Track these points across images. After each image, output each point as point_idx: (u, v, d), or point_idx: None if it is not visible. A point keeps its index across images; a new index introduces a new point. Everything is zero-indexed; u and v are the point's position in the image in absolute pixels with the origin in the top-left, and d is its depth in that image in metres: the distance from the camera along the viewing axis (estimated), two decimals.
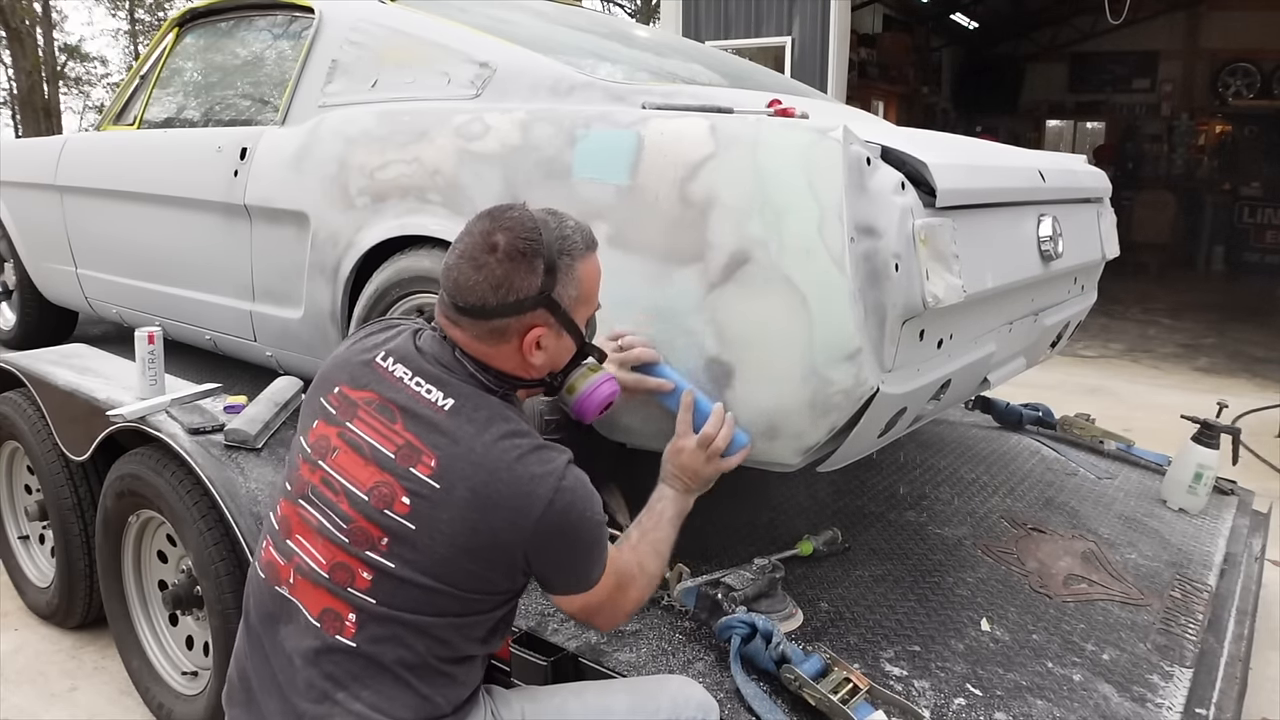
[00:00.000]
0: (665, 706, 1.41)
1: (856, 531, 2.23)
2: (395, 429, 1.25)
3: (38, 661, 2.68)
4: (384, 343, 1.35)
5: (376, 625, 1.23)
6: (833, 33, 7.89)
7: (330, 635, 1.23)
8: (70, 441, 2.47)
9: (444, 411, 1.25)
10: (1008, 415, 3.24)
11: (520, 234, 1.27)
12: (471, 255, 1.27)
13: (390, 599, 1.22)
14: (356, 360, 1.34)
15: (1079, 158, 2.64)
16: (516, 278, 1.26)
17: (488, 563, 1.24)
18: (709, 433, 1.53)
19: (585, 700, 1.44)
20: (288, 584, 1.28)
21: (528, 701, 1.43)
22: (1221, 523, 2.65)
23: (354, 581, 1.23)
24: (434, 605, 1.23)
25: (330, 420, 1.31)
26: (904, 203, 1.55)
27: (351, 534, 1.23)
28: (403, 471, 1.22)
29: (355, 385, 1.31)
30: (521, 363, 1.32)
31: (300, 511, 1.29)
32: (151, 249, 2.89)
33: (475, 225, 1.30)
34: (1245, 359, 6.91)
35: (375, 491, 1.23)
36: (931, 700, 1.62)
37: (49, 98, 20.93)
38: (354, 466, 1.26)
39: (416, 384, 1.28)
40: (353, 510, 1.24)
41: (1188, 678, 1.80)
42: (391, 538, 1.22)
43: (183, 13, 3.07)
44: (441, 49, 2.19)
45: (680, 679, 1.52)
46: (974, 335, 1.88)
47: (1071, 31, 12.98)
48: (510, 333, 1.29)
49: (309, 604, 1.26)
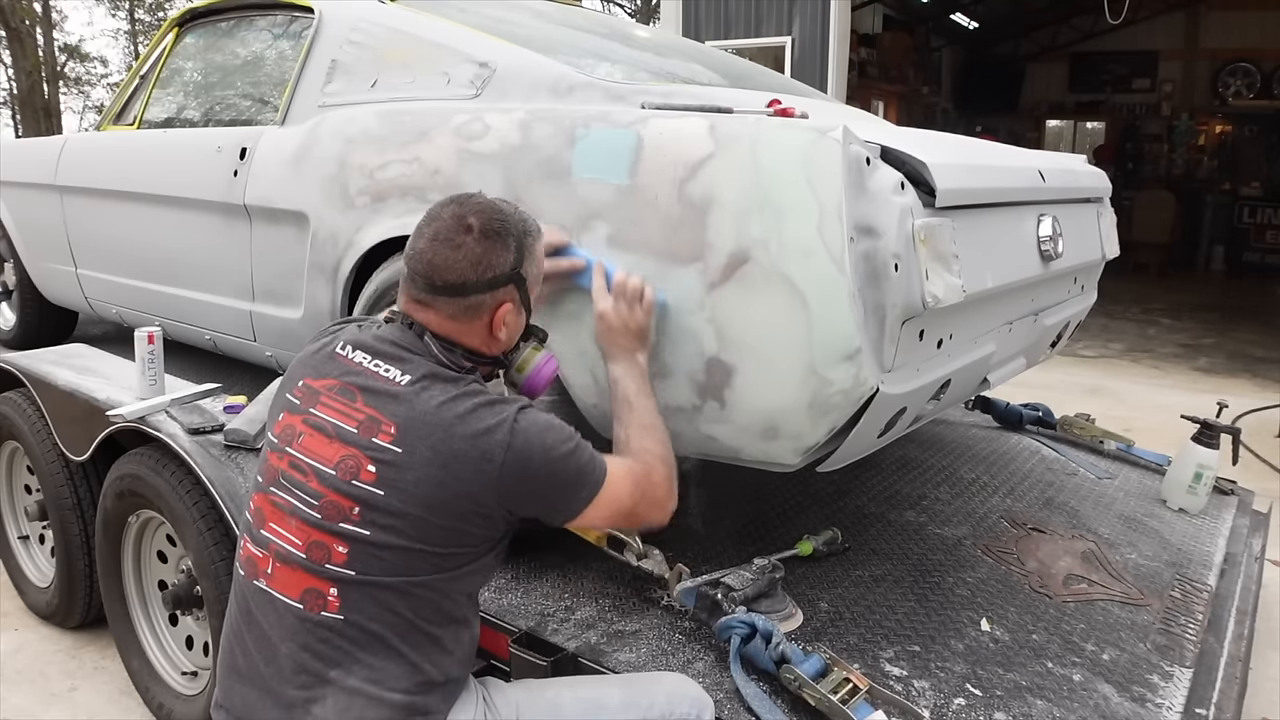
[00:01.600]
0: (660, 702, 1.43)
1: (856, 531, 2.23)
2: (356, 406, 1.31)
3: (38, 661, 2.68)
4: (343, 336, 1.41)
5: (359, 595, 1.26)
6: (833, 33, 7.89)
7: (315, 613, 1.27)
8: (70, 441, 2.47)
9: (401, 385, 1.31)
10: (1008, 415, 3.24)
11: (492, 215, 1.38)
12: (447, 238, 1.35)
13: (368, 567, 1.26)
14: (318, 355, 1.41)
15: (1079, 158, 2.64)
16: (493, 255, 1.36)
17: (459, 515, 1.28)
18: (619, 279, 1.60)
19: (579, 694, 1.45)
20: (265, 575, 1.31)
21: (522, 694, 1.44)
22: (1221, 523, 2.65)
23: (331, 557, 1.26)
24: (412, 566, 1.27)
25: (294, 410, 1.37)
26: (904, 203, 1.54)
27: (323, 509, 1.28)
28: (366, 442, 1.28)
29: (317, 376, 1.37)
30: (487, 338, 1.40)
31: (272, 499, 1.33)
32: (151, 249, 2.89)
33: (443, 211, 1.38)
34: (1245, 359, 6.91)
35: (342, 465, 1.28)
36: (931, 700, 1.62)
37: (49, 98, 20.95)
38: (319, 446, 1.31)
39: (375, 365, 1.34)
40: (322, 486, 1.28)
41: (1188, 678, 1.80)
42: (362, 506, 1.26)
43: (183, 13, 3.07)
44: (441, 49, 2.19)
45: (676, 676, 1.54)
46: (974, 335, 1.88)
47: (1071, 31, 12.97)
48: (484, 309, 1.37)
49: (289, 589, 1.29)
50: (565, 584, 1.91)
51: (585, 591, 1.89)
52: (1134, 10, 8.74)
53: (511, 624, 1.75)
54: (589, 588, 1.90)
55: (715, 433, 1.67)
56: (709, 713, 1.47)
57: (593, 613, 1.81)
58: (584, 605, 1.84)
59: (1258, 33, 11.27)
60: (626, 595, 1.88)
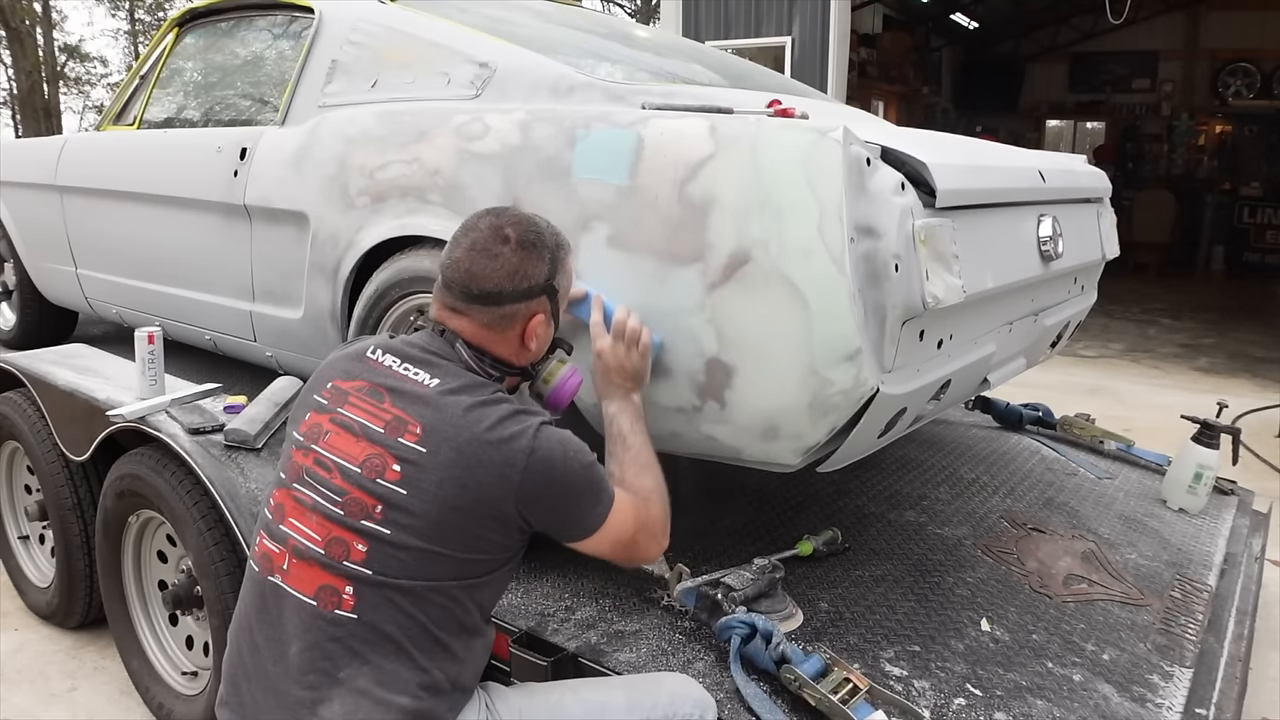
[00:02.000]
0: (662, 703, 1.44)
1: (856, 531, 2.23)
2: (384, 406, 1.33)
3: (38, 661, 2.68)
4: (373, 340, 1.45)
5: (374, 594, 1.26)
6: (833, 33, 7.89)
7: (329, 611, 1.27)
8: (70, 441, 2.47)
9: (429, 388, 1.33)
10: (1008, 415, 3.24)
11: (527, 228, 1.42)
12: (484, 247, 1.39)
13: (386, 567, 1.26)
14: (349, 358, 1.42)
15: (1079, 158, 2.64)
16: (529, 265, 1.40)
17: (479, 520, 1.29)
18: (619, 319, 1.60)
19: (582, 696, 1.46)
20: (281, 571, 1.32)
21: (524, 698, 1.44)
22: (1221, 523, 2.65)
23: (349, 555, 1.27)
24: (430, 570, 1.27)
25: (322, 410, 1.38)
26: (904, 203, 1.54)
27: (346, 505, 1.29)
28: (392, 442, 1.29)
29: (347, 378, 1.40)
30: (518, 349, 1.44)
31: (294, 494, 1.34)
32: (151, 249, 2.89)
33: (480, 222, 1.42)
34: (1245, 359, 6.91)
35: (367, 463, 1.29)
36: (931, 700, 1.62)
37: (49, 98, 20.96)
38: (346, 444, 1.32)
39: (404, 369, 1.36)
40: (346, 483, 1.30)
41: (1188, 678, 1.80)
42: (385, 505, 1.27)
43: (182, 13, 3.07)
44: (441, 49, 2.19)
45: (678, 676, 1.54)
46: (974, 335, 1.88)
47: (1071, 31, 12.98)
48: (518, 318, 1.41)
49: (304, 585, 1.29)
50: (565, 584, 1.91)
51: (585, 591, 1.89)
52: (1134, 10, 8.74)
53: (511, 624, 1.75)
54: (589, 588, 1.90)
55: (715, 433, 1.67)
56: (711, 713, 1.47)
57: (593, 613, 1.81)
58: (584, 605, 1.84)
59: (1258, 33, 11.27)
60: (626, 595, 1.88)
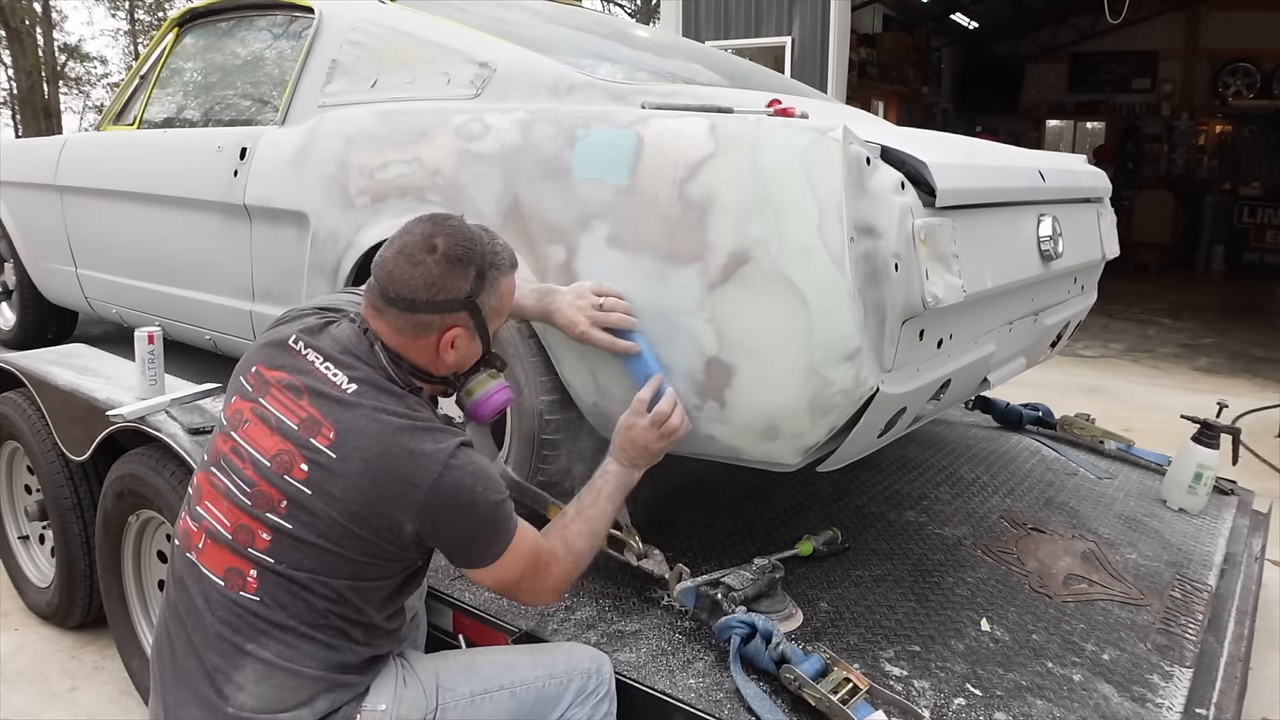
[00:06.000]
0: (561, 660, 1.55)
1: (856, 531, 2.23)
2: (301, 404, 1.35)
3: (38, 661, 2.68)
4: (299, 328, 1.44)
5: (276, 581, 1.32)
6: (833, 33, 7.89)
7: (235, 592, 1.33)
8: (70, 441, 2.46)
9: (345, 392, 1.35)
10: (1008, 415, 3.24)
11: (459, 240, 1.38)
12: (410, 253, 1.36)
13: (287, 558, 1.31)
14: (273, 343, 1.45)
15: (1079, 158, 2.64)
16: (449, 280, 1.36)
17: (377, 530, 1.31)
18: (663, 410, 1.60)
19: (491, 658, 1.57)
20: (197, 549, 1.38)
21: (440, 660, 1.53)
22: (1221, 523, 2.65)
23: (254, 542, 1.32)
24: (328, 566, 1.32)
25: (245, 396, 1.41)
26: (904, 202, 1.54)
27: (254, 497, 1.33)
28: (303, 441, 1.32)
29: (270, 365, 1.42)
30: (434, 359, 1.41)
31: (211, 478, 1.40)
32: (151, 249, 2.89)
33: (416, 226, 1.40)
34: (1245, 359, 6.91)
35: (277, 459, 1.33)
36: (931, 700, 1.62)
37: (49, 98, 20.96)
38: (260, 436, 1.36)
39: (325, 367, 1.37)
40: (256, 475, 1.34)
41: (1188, 678, 1.80)
42: (290, 501, 1.31)
43: (182, 13, 3.07)
44: (441, 49, 2.19)
45: (573, 643, 1.66)
46: (974, 335, 1.88)
47: (1071, 31, 12.97)
48: (432, 329, 1.38)
49: (215, 565, 1.35)
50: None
51: (585, 591, 1.89)
52: (1134, 10, 8.74)
53: (511, 624, 1.75)
54: (589, 588, 1.90)
55: (715, 432, 1.67)
56: (607, 666, 1.58)
57: (593, 613, 1.81)
58: (584, 605, 1.84)
59: (1258, 33, 11.27)
60: (626, 595, 1.88)
